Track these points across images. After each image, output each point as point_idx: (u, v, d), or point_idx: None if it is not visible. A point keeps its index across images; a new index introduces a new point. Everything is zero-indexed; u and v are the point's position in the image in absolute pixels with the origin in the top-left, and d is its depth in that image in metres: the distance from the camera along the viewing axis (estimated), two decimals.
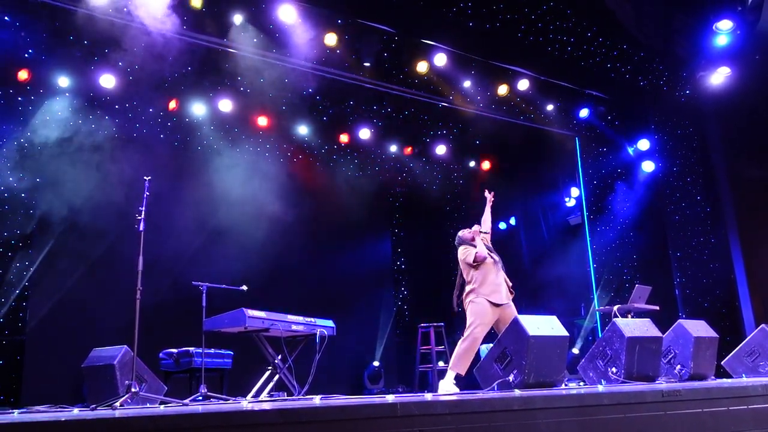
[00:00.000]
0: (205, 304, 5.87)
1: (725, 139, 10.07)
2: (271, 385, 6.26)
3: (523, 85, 9.76)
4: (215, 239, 9.22)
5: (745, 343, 7.18)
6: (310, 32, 8.07)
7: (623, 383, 5.52)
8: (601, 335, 6.17)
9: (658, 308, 7.98)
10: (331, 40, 8.34)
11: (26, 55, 7.82)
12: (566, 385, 5.64)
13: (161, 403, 4.99)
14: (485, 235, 6.18)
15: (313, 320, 6.54)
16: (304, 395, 5.99)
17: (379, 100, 9.90)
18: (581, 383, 6.22)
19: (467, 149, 11.72)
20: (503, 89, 9.79)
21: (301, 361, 6.49)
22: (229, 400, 5.54)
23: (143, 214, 4.96)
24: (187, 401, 5.13)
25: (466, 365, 5.62)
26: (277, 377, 6.29)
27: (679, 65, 10.08)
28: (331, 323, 6.72)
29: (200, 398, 5.49)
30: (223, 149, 9.61)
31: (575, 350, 10.44)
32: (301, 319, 6.43)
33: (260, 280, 8.25)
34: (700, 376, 6.40)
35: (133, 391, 4.60)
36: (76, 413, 3.92)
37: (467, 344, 5.60)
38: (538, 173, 11.92)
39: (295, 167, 10.49)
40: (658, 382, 5.85)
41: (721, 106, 9.97)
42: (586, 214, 11.01)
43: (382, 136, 10.88)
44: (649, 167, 10.62)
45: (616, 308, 7.79)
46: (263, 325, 6.04)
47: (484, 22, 8.59)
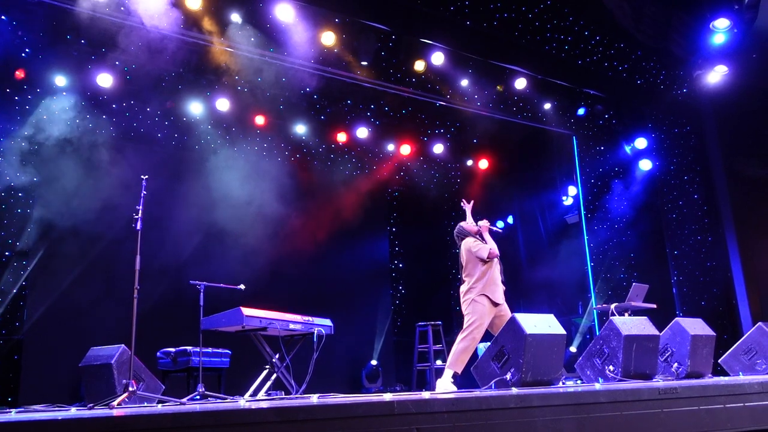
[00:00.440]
0: (202, 303, 5.87)
1: (722, 137, 10.09)
2: (268, 384, 6.27)
3: (520, 83, 9.77)
4: (213, 238, 9.21)
5: (741, 341, 7.19)
6: (307, 31, 8.07)
7: (620, 381, 5.53)
8: (598, 333, 6.18)
9: (655, 306, 7.98)
10: (328, 39, 8.34)
11: (23, 54, 7.82)
12: (563, 383, 5.65)
13: (159, 402, 5.00)
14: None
15: (310, 319, 6.54)
16: (301, 394, 5.99)
17: (376, 99, 9.90)
18: (579, 381, 6.23)
19: (465, 148, 11.73)
20: (500, 88, 9.79)
21: (298, 360, 6.50)
22: (226, 399, 5.54)
23: (140, 213, 4.95)
24: (184, 400, 5.13)
25: (463, 364, 5.66)
26: (274, 376, 6.30)
27: (676, 64, 10.09)
28: (328, 322, 6.73)
29: (198, 397, 5.49)
30: (220, 148, 9.61)
31: (573, 348, 10.46)
32: (298, 318, 6.43)
33: (258, 279, 8.25)
34: (697, 374, 6.41)
35: (130, 390, 4.60)
36: (73, 412, 3.92)
37: (465, 344, 5.63)
38: (535, 172, 11.93)
39: (292, 166, 10.48)
40: (655, 380, 5.86)
41: (718, 104, 9.99)
42: (583, 212, 11.02)
43: (379, 135, 10.89)
44: (646, 166, 10.63)
45: (613, 306, 7.80)
46: (261, 324, 6.04)
47: (481, 21, 8.60)
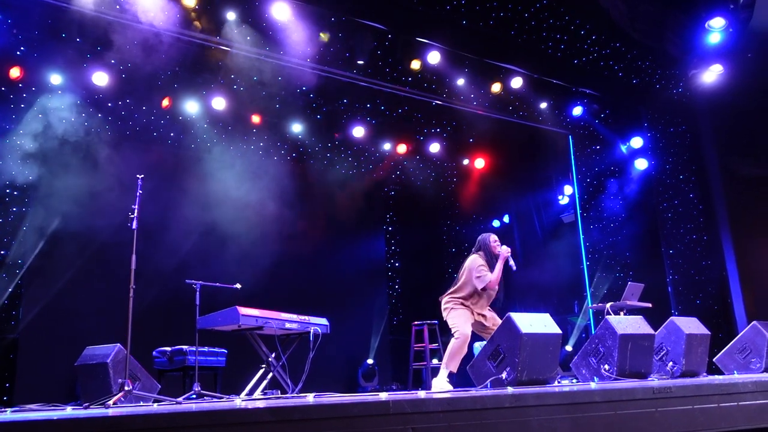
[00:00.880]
0: (198, 302, 5.85)
1: (717, 136, 10.11)
2: (264, 383, 6.26)
3: (516, 83, 9.76)
4: (208, 237, 9.18)
5: (736, 339, 7.21)
6: (303, 30, 8.06)
7: (616, 380, 5.55)
8: (594, 332, 6.20)
9: (650, 305, 8.00)
10: (324, 37, 8.32)
11: (18, 52, 7.78)
12: (559, 382, 5.67)
13: (155, 401, 5.00)
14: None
15: (306, 318, 6.54)
16: (297, 393, 5.99)
17: (372, 98, 9.88)
18: (574, 380, 6.25)
19: (461, 147, 11.73)
20: (497, 87, 9.81)
21: (294, 359, 6.50)
22: (222, 398, 5.55)
23: (136, 212, 4.95)
24: (180, 399, 5.13)
25: (458, 362, 5.74)
26: (270, 375, 6.29)
27: (671, 63, 10.11)
28: (324, 321, 6.72)
29: (194, 396, 5.49)
30: (216, 147, 9.59)
31: (568, 347, 10.48)
32: (294, 317, 6.43)
33: (254, 278, 8.22)
34: (691, 372, 6.44)
35: (126, 389, 4.60)
36: (69, 412, 3.92)
37: (459, 342, 5.72)
38: (531, 171, 11.94)
39: (288, 165, 10.46)
40: (650, 378, 5.88)
41: (713, 103, 10.00)
42: (579, 211, 11.04)
43: (375, 134, 10.87)
44: (642, 165, 10.66)
45: (608, 305, 7.81)
46: (257, 323, 6.04)
47: (477, 20, 8.60)
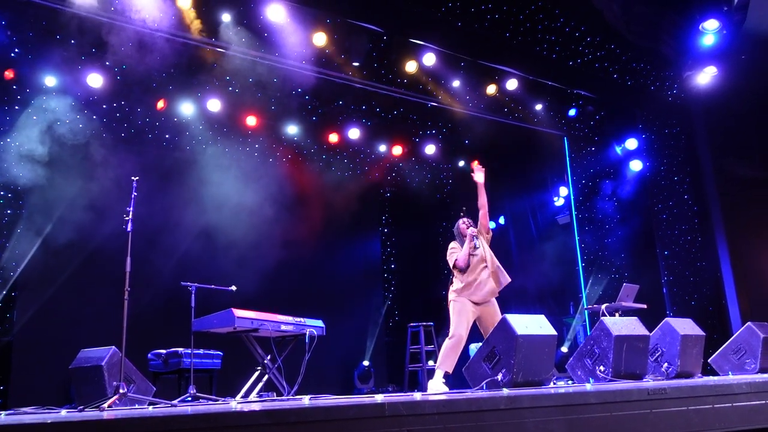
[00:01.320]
0: (194, 304, 5.85)
1: (712, 138, 10.15)
2: (260, 385, 6.26)
3: (511, 84, 9.79)
4: (204, 239, 9.18)
5: (731, 340, 7.23)
6: (299, 32, 8.06)
7: (611, 381, 5.55)
8: (589, 334, 6.21)
9: (645, 306, 8.03)
10: (320, 39, 8.33)
11: (12, 54, 7.76)
12: (555, 383, 5.67)
13: (150, 404, 4.98)
14: (485, 235, 6.12)
15: (302, 320, 6.53)
16: (293, 395, 5.98)
17: (368, 99, 9.89)
18: (570, 382, 6.25)
19: (456, 149, 11.74)
20: (492, 89, 9.83)
21: (290, 361, 6.49)
22: (218, 400, 5.53)
23: (131, 214, 4.94)
24: (175, 402, 5.12)
25: (452, 363, 5.72)
26: (266, 377, 6.29)
27: (666, 65, 10.15)
28: (320, 323, 6.72)
29: (189, 399, 5.48)
30: (211, 149, 9.58)
31: (564, 349, 10.49)
32: (290, 319, 6.42)
33: (249, 280, 8.22)
34: (686, 373, 6.45)
35: (121, 392, 4.58)
36: (63, 415, 3.90)
37: (452, 342, 5.72)
38: (526, 173, 11.96)
39: (284, 167, 10.47)
40: (645, 380, 5.89)
41: (708, 105, 10.05)
42: (574, 213, 11.06)
43: (371, 135, 10.88)
44: (636, 166, 10.68)
45: (604, 307, 7.83)
46: (252, 325, 6.03)
47: (472, 21, 8.62)
